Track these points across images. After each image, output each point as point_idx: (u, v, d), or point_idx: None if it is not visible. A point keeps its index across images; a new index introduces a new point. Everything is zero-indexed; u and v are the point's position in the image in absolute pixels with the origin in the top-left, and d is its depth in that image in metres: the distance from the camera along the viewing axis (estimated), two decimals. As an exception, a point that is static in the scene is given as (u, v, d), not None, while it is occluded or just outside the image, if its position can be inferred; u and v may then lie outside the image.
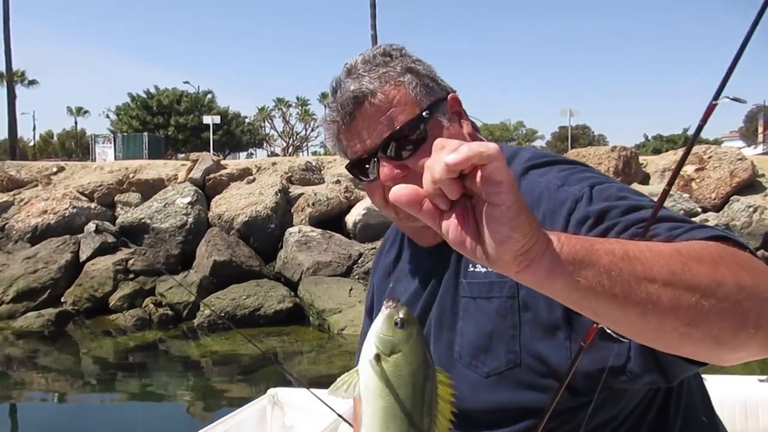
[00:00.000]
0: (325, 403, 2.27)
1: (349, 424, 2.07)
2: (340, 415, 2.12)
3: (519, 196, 0.59)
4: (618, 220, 0.87)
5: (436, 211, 0.62)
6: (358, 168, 1.11)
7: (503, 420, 0.97)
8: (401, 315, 0.72)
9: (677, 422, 1.02)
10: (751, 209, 11.76)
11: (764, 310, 0.68)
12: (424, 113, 1.05)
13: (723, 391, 1.08)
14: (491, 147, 0.58)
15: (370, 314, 1.31)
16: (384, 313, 0.73)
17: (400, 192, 0.62)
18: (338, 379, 0.74)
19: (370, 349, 0.73)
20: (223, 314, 10.90)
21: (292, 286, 11.96)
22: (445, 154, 0.58)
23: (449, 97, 1.12)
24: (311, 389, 2.40)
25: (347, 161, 1.15)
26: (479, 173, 0.58)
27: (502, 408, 0.97)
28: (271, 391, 2.84)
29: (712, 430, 1.09)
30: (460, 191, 0.60)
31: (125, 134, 31.73)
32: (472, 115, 1.17)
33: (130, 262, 12.54)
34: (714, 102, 0.70)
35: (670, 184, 0.95)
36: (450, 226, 0.61)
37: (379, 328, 0.73)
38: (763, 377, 2.83)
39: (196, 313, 11.12)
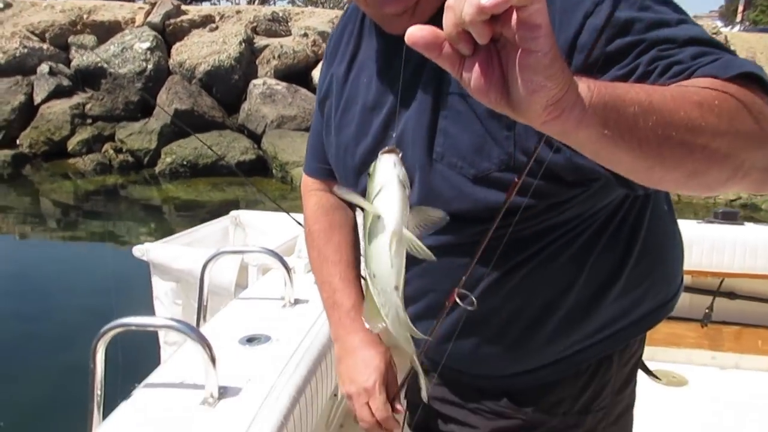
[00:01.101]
0: (293, 219, 2.32)
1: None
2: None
3: (555, 41, 0.54)
4: (642, 37, 0.80)
5: (456, 56, 0.56)
6: None
7: (491, 217, 0.94)
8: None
9: (648, 208, 1.06)
10: (716, 85, 11.86)
11: (758, 161, 0.70)
12: None
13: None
14: None
15: (323, 105, 1.21)
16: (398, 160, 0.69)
17: (416, 34, 0.55)
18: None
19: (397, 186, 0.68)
20: (185, 163, 10.82)
21: (256, 138, 11.82)
22: None
23: None
24: (285, 211, 2.43)
25: None
26: (515, 15, 0.51)
27: (489, 207, 0.93)
28: (234, 213, 2.90)
29: (671, 217, 1.14)
30: (490, 35, 0.53)
31: (77, -28, 29.37)
32: None
33: (88, 106, 12.12)
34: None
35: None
36: (473, 75, 0.56)
37: (400, 172, 0.68)
38: (702, 220, 3.00)
39: (157, 161, 11.00)
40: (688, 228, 2.91)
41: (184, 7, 15.51)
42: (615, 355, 1.09)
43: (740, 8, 29.99)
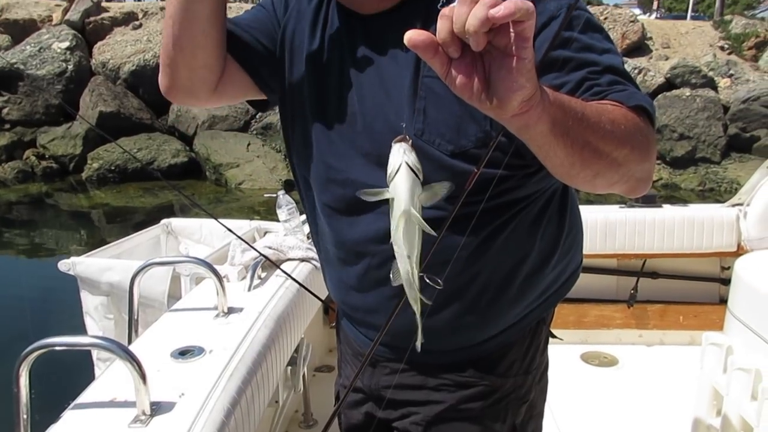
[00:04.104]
0: (225, 226, 2.29)
1: (250, 245, 2.13)
2: (239, 236, 2.16)
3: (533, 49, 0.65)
4: (577, 55, 0.94)
5: (446, 57, 0.65)
6: None
7: (463, 185, 0.97)
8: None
9: (570, 187, 1.17)
10: (636, 71, 12.36)
11: (637, 172, 0.90)
12: None
13: (586, 215, 1.24)
14: (529, 5, 0.60)
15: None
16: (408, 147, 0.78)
17: (416, 38, 0.64)
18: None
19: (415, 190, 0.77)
20: (113, 168, 10.48)
21: (187, 140, 11.56)
22: (485, 8, 0.60)
23: None
24: (220, 219, 2.40)
25: None
26: (513, 29, 0.61)
27: (465, 180, 0.95)
28: (165, 220, 2.84)
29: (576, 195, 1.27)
30: (485, 43, 0.62)
31: (-15, -30, 27.78)
32: None
33: (5, 111, 11.55)
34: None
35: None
36: (460, 74, 0.65)
37: (410, 159, 0.77)
38: (624, 205, 3.14)
39: (84, 167, 10.60)
40: (612, 213, 3.04)
41: (104, 4, 14.95)
42: (546, 317, 1.22)
43: (656, -5, 31.44)
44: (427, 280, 0.99)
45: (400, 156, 0.77)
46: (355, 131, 1.06)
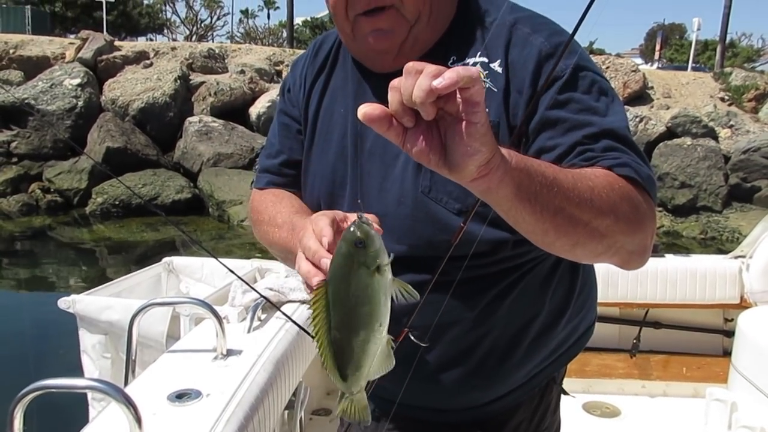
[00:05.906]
0: (225, 266, 2.28)
1: (251, 286, 2.12)
2: (240, 277, 2.13)
3: (487, 114, 0.65)
4: (573, 117, 0.93)
5: (401, 127, 0.65)
6: None
7: (468, 249, 0.96)
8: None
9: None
10: (638, 119, 12.49)
11: (627, 244, 0.87)
12: None
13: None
14: (473, 71, 0.62)
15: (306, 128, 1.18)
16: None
17: (370, 113, 0.65)
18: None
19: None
20: (117, 203, 10.52)
21: (192, 176, 11.63)
22: (429, 79, 0.61)
23: None
24: (221, 259, 2.40)
25: None
26: (460, 95, 0.62)
27: (469, 239, 0.95)
28: (166, 259, 2.83)
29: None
30: (435, 112, 0.63)
31: (4, 6, 28.45)
32: None
33: (13, 144, 11.67)
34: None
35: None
36: (416, 142, 0.65)
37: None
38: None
39: (88, 201, 10.65)
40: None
41: (117, 43, 15.26)
42: (557, 376, 1.20)
43: (657, 47, 31.92)
44: (411, 337, 0.98)
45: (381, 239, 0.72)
46: (363, 192, 1.06)
